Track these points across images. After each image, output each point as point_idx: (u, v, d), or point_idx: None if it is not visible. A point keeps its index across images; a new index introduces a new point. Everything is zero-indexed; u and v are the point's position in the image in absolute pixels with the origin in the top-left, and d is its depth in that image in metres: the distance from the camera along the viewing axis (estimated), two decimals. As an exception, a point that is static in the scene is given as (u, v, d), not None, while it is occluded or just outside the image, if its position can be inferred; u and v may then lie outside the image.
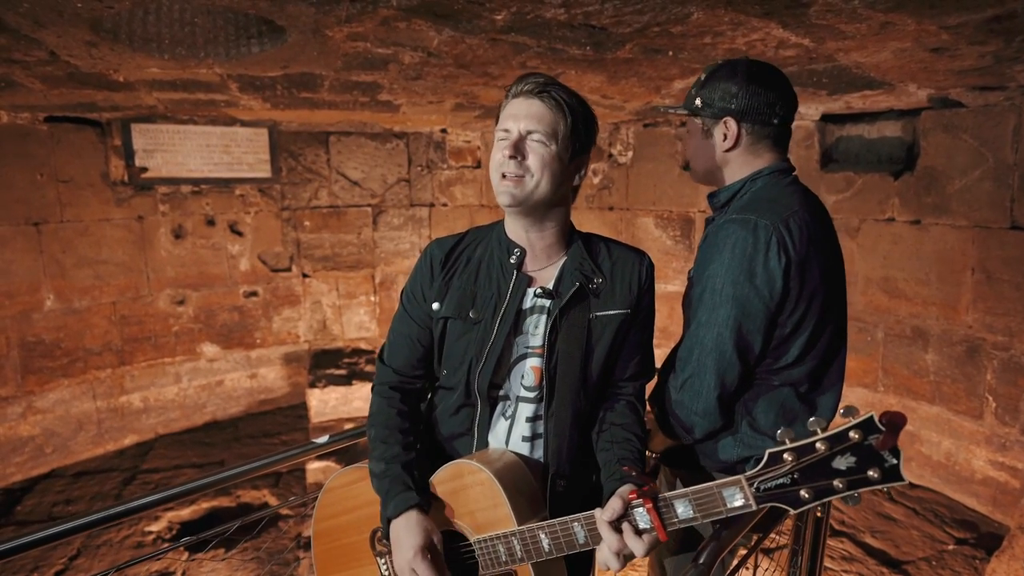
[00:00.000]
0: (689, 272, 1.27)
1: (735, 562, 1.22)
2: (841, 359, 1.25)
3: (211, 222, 4.51)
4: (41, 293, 3.85)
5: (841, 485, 0.76)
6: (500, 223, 1.18)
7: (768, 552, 2.52)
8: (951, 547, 2.92)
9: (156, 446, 4.30)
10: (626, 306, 1.12)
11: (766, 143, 1.22)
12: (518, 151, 1.04)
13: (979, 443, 3.16)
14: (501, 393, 1.13)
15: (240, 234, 4.64)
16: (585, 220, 4.62)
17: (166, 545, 3.17)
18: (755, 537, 1.25)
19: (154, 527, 3.38)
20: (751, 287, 1.09)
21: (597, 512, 0.93)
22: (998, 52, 2.06)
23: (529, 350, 1.12)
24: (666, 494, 0.89)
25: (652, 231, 4.51)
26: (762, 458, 0.81)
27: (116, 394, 4.23)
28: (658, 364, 1.25)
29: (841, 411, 0.77)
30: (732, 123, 1.20)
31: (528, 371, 1.12)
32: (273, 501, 3.58)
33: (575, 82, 2.97)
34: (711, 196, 1.30)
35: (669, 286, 4.49)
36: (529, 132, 1.04)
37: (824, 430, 0.76)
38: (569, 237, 1.16)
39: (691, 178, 1.37)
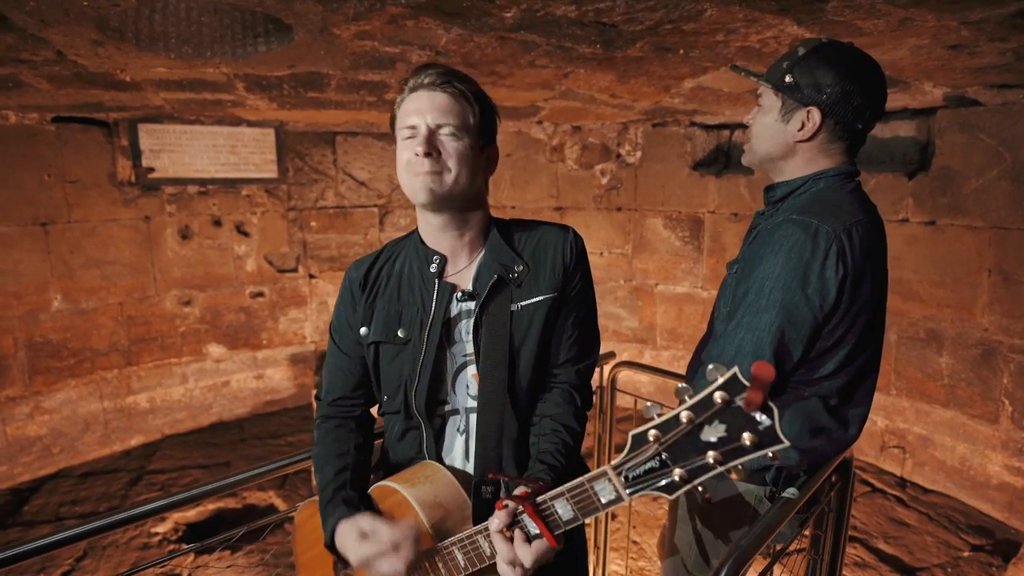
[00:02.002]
0: (730, 263, 1.21)
1: (753, 573, 1.18)
2: (874, 377, 1.20)
3: (218, 223, 4.50)
4: (48, 293, 3.85)
5: (715, 459, 0.66)
6: (415, 232, 1.12)
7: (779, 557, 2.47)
8: (966, 554, 2.87)
9: (162, 447, 4.30)
10: (552, 289, 1.04)
11: (841, 144, 1.13)
12: (432, 147, 0.97)
13: (995, 448, 3.11)
14: (449, 408, 1.07)
15: (246, 235, 4.64)
16: (593, 221, 4.59)
17: (171, 547, 3.15)
18: (776, 547, 1.22)
19: (160, 528, 3.37)
20: (802, 295, 1.03)
21: (489, 521, 0.88)
22: (1019, 49, 2.01)
23: (466, 358, 1.06)
24: (545, 495, 0.82)
25: (661, 232, 4.47)
26: (772, 467, 0.76)
27: (123, 394, 4.23)
28: (663, 366, 1.20)
29: (709, 368, 0.66)
30: (816, 115, 1.10)
31: (470, 380, 1.06)
32: (279, 502, 3.57)
33: (584, 81, 2.94)
34: (768, 189, 1.22)
35: (677, 287, 4.45)
36: (439, 126, 0.98)
37: (690, 399, 0.66)
38: (487, 231, 1.10)
39: (743, 158, 1.25)
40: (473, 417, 1.06)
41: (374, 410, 1.22)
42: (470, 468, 1.06)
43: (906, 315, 3.40)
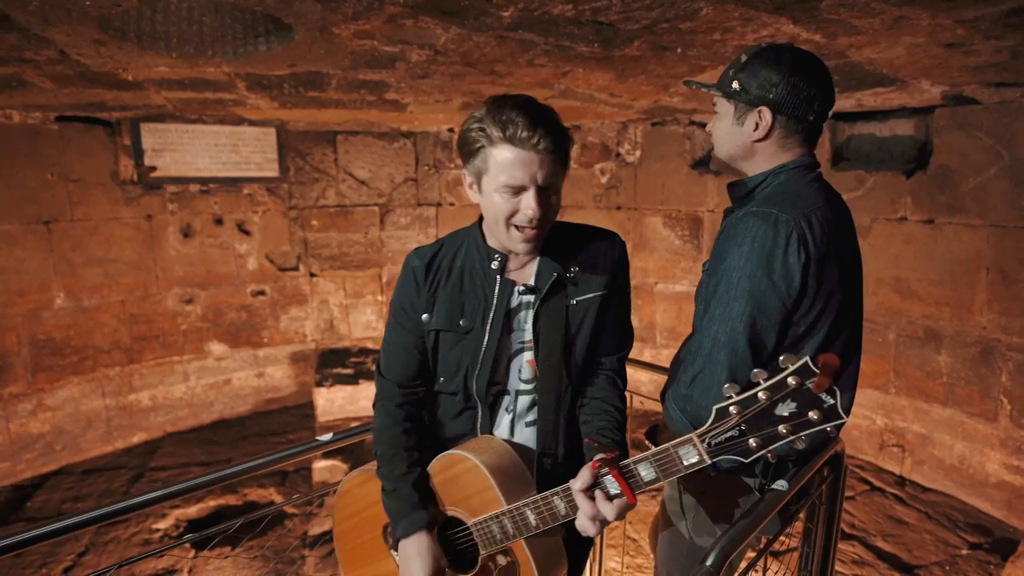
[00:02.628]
0: (704, 264, 1.25)
1: (743, 565, 1.20)
2: (855, 364, 1.22)
3: (219, 221, 4.53)
4: (51, 291, 3.88)
5: (785, 430, 0.80)
6: (475, 229, 1.20)
7: (776, 555, 2.49)
8: (964, 552, 2.87)
9: (164, 444, 4.32)
10: (602, 287, 1.17)
11: (797, 137, 1.18)
12: (544, 209, 1.06)
13: (993, 446, 3.11)
14: (501, 390, 1.18)
15: (248, 233, 4.66)
16: (593, 220, 4.60)
17: (172, 542, 3.18)
18: (765, 539, 1.23)
19: (161, 525, 3.39)
20: (768, 282, 1.07)
21: (572, 483, 0.98)
22: (1015, 47, 2.02)
23: (523, 345, 1.17)
24: (628, 460, 0.94)
25: (660, 231, 4.48)
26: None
27: (125, 392, 4.26)
28: (662, 364, 1.25)
29: (780, 359, 0.79)
30: (767, 113, 1.15)
31: (524, 365, 1.17)
32: (279, 499, 3.59)
33: (583, 80, 2.95)
34: (731, 186, 1.27)
35: (677, 286, 4.46)
36: (547, 187, 1.06)
37: (765, 381, 0.79)
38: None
39: (712, 163, 1.33)
40: (521, 399, 1.17)
41: None
42: (523, 441, 1.19)
43: (905, 314, 3.40)
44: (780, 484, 1.10)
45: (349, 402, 4.22)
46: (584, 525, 0.97)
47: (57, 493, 3.69)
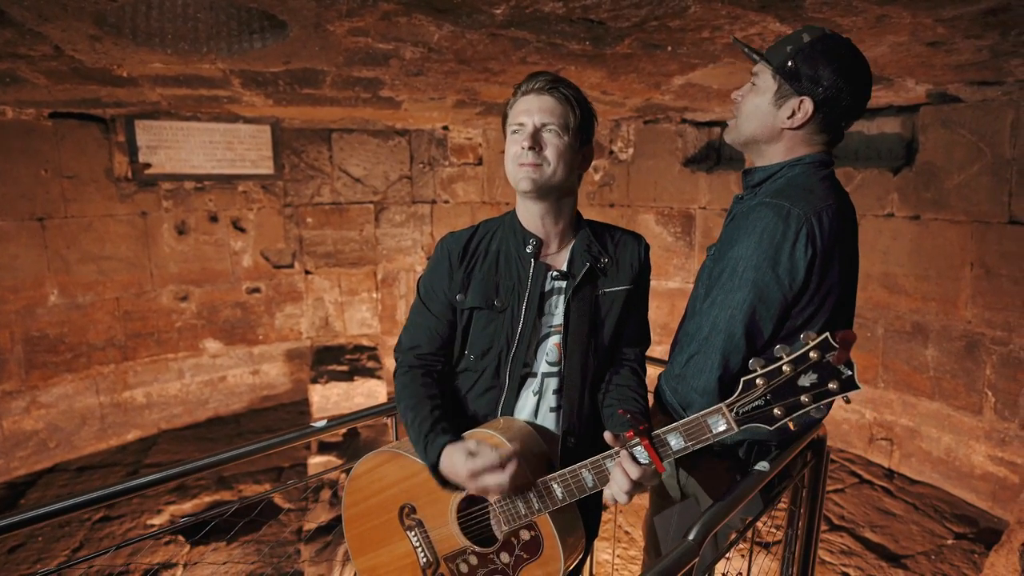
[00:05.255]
0: (709, 247, 1.27)
1: (727, 543, 1.23)
2: None
3: (214, 218, 4.53)
4: (45, 288, 3.88)
5: (807, 399, 0.86)
6: (511, 215, 1.25)
7: (766, 546, 2.53)
8: (950, 542, 2.92)
9: (159, 441, 4.33)
10: (629, 282, 1.24)
11: (823, 136, 1.18)
12: (536, 142, 1.11)
13: (978, 438, 3.17)
14: (529, 371, 1.22)
15: (243, 230, 4.67)
16: (587, 217, 4.63)
17: (168, 538, 3.19)
18: (747, 519, 1.27)
19: (156, 520, 3.40)
20: (772, 275, 1.09)
21: (600, 456, 1.03)
22: (995, 46, 2.07)
23: (551, 329, 1.21)
24: (659, 430, 0.98)
25: (653, 228, 4.52)
26: (753, 439, 0.85)
27: (119, 389, 4.26)
28: (663, 358, 1.29)
29: (802, 335, 0.86)
30: (809, 105, 1.13)
31: (552, 348, 1.21)
32: (275, 496, 3.60)
33: (575, 78, 2.98)
34: (746, 173, 1.26)
35: (670, 283, 4.50)
36: (544, 125, 1.12)
37: (788, 355, 0.86)
38: (577, 223, 1.27)
39: (726, 135, 1.29)
40: (549, 380, 1.21)
41: None
42: (545, 423, 1.24)
43: (892, 308, 3.46)
44: (762, 465, 1.14)
45: (344, 399, 4.24)
46: (616, 494, 1.01)
47: (51, 490, 3.69)
